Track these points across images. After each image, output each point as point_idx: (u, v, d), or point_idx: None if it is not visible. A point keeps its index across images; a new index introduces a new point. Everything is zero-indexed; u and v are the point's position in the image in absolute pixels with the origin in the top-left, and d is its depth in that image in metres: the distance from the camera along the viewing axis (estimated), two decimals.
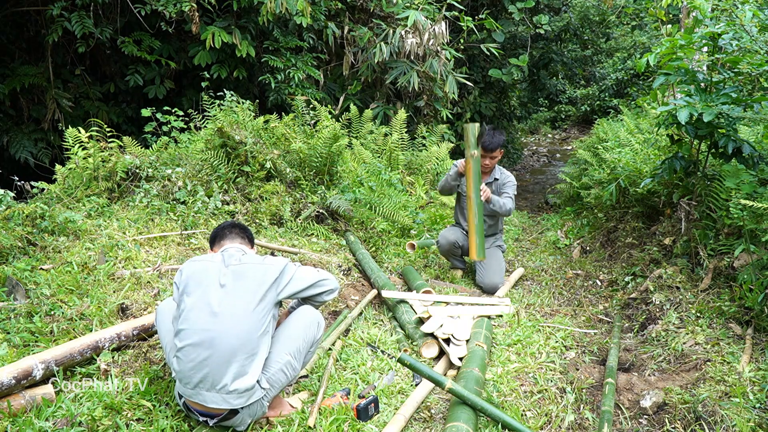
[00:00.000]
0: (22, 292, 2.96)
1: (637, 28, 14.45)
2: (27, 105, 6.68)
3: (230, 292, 2.19)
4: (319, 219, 4.89)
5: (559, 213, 7.11)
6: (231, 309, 2.16)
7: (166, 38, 6.73)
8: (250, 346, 2.15)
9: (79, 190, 4.20)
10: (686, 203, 3.85)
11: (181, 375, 2.15)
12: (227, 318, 2.14)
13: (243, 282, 2.22)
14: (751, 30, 3.36)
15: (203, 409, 2.17)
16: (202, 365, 2.11)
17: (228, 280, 2.22)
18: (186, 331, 2.16)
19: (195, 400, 2.15)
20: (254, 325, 2.17)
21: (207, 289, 2.20)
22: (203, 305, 2.17)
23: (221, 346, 2.11)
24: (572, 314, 3.79)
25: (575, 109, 18.09)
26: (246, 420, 2.24)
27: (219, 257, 2.33)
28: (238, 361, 2.12)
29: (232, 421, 2.21)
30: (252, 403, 2.19)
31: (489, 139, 4.12)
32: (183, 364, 2.14)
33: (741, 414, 2.28)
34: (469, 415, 2.29)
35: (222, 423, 2.21)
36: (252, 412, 2.23)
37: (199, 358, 2.11)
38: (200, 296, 2.20)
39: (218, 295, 2.18)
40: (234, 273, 2.25)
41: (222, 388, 2.11)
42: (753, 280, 2.97)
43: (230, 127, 4.79)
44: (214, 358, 2.11)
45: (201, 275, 2.25)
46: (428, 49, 7.48)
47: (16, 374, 2.21)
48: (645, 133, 6.24)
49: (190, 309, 2.18)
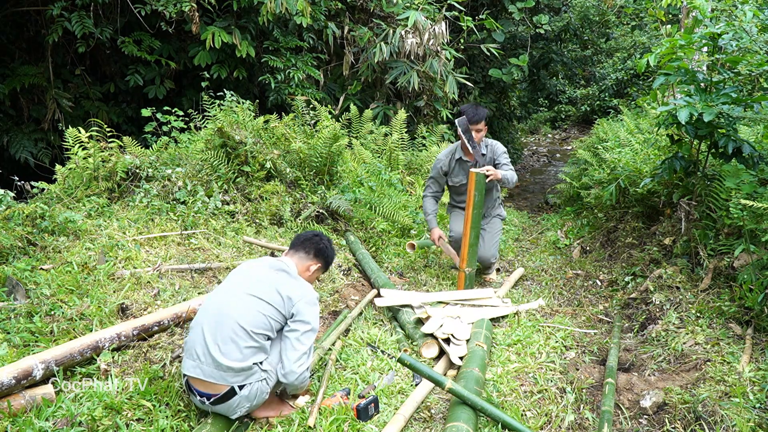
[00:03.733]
0: (22, 292, 2.96)
1: (637, 28, 14.44)
2: (27, 105, 6.68)
3: (252, 282, 2.35)
4: (319, 219, 4.89)
5: (559, 213, 7.11)
6: (246, 292, 2.30)
7: (166, 38, 6.73)
8: (253, 337, 2.23)
9: (79, 190, 4.20)
10: (686, 203, 3.85)
11: (188, 347, 2.26)
12: (240, 304, 2.27)
13: (267, 281, 2.36)
14: (750, 30, 3.36)
15: (202, 388, 2.21)
16: (206, 338, 2.21)
17: (257, 275, 2.39)
18: (202, 309, 2.34)
19: (194, 374, 2.20)
20: (260, 322, 2.26)
21: (239, 280, 2.39)
22: (226, 290, 2.36)
23: (227, 320, 2.22)
24: (572, 314, 3.79)
25: (575, 109, 18.09)
26: (243, 404, 2.23)
27: (269, 260, 2.50)
28: (239, 345, 2.19)
29: (229, 403, 2.21)
30: (250, 383, 2.21)
31: (472, 111, 4.03)
32: (192, 334, 2.26)
33: (741, 414, 2.28)
34: (469, 415, 2.29)
35: (219, 404, 2.21)
36: (251, 396, 2.23)
37: (205, 328, 2.23)
38: (228, 285, 2.39)
39: (244, 286, 2.34)
40: (266, 273, 2.41)
41: (219, 365, 2.17)
42: (753, 280, 2.97)
43: (230, 127, 4.79)
44: (219, 331, 2.21)
45: (243, 268, 2.46)
46: (428, 49, 7.48)
47: (16, 374, 2.21)
48: (645, 133, 6.24)
49: (215, 293, 2.38)
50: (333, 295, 3.76)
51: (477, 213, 3.81)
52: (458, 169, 4.23)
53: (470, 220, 3.80)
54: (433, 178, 4.34)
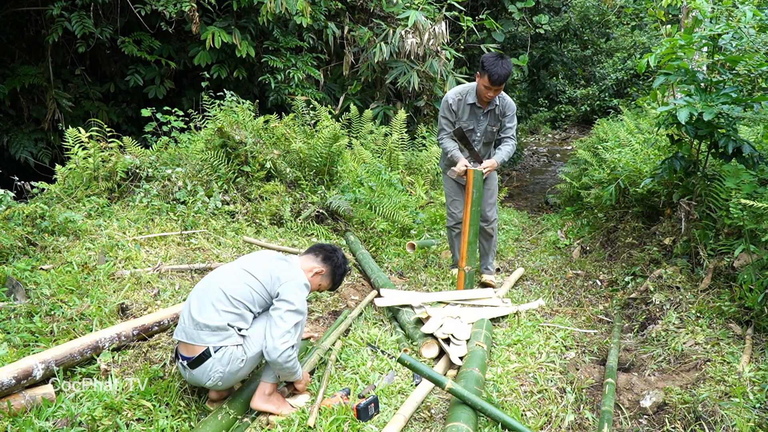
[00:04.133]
0: (22, 292, 2.96)
1: (637, 28, 14.44)
2: (27, 105, 6.68)
3: (250, 265, 2.43)
4: (319, 219, 4.90)
5: (559, 213, 7.11)
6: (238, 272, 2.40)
7: (166, 38, 6.74)
8: (232, 303, 2.32)
9: (79, 190, 4.20)
10: (686, 203, 3.85)
11: (181, 313, 2.38)
12: (229, 275, 2.38)
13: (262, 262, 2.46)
14: (750, 30, 3.36)
15: (184, 352, 2.31)
16: (192, 304, 2.33)
17: (260, 261, 2.47)
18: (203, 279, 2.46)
19: (178, 337, 2.33)
20: (245, 288, 2.35)
21: (243, 258, 2.52)
22: (230, 264, 2.49)
23: (213, 286, 2.35)
24: (572, 314, 3.79)
25: (575, 109, 18.08)
26: (216, 368, 2.26)
27: (278, 253, 2.59)
28: (217, 308, 2.29)
29: (203, 367, 2.25)
30: (225, 346, 2.26)
31: (497, 71, 3.61)
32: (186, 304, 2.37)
33: (741, 414, 2.28)
34: (469, 415, 2.29)
35: (195, 368, 2.26)
36: (223, 361, 2.26)
37: (194, 297, 2.35)
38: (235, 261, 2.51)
39: (240, 263, 2.45)
40: (265, 257, 2.50)
41: (197, 324, 2.26)
42: (753, 280, 2.97)
43: (230, 127, 4.79)
44: (204, 296, 2.33)
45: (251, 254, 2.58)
46: (428, 49, 7.48)
47: (16, 374, 2.21)
48: (645, 133, 6.24)
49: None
50: (333, 295, 3.76)
51: (475, 210, 3.80)
52: (468, 113, 3.94)
53: (469, 217, 3.79)
54: (445, 118, 3.99)
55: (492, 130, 4.00)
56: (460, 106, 3.93)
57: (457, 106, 3.93)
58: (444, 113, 3.99)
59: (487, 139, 4.04)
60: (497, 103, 3.91)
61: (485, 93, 3.76)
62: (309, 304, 3.58)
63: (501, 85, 3.69)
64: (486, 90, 3.74)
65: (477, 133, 3.99)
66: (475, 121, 3.95)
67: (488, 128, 3.97)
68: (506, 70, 3.63)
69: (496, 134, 4.05)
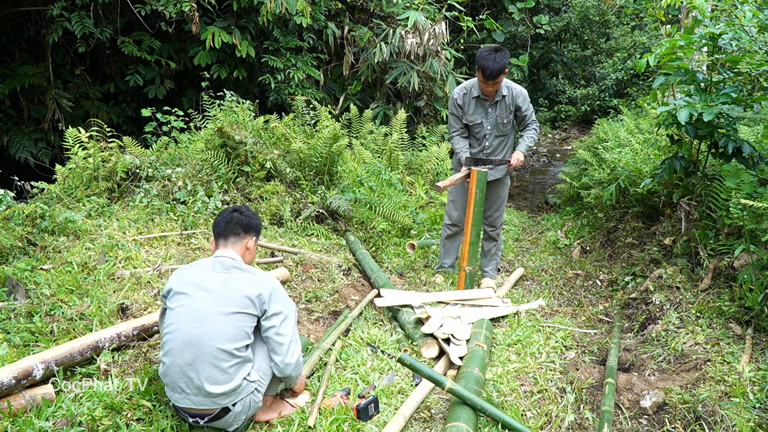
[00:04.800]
0: (22, 292, 2.96)
1: (637, 28, 14.43)
2: (27, 105, 6.68)
3: (216, 301, 2.17)
4: (319, 219, 4.90)
5: (559, 213, 7.11)
6: (216, 317, 2.14)
7: (166, 38, 6.74)
8: (234, 354, 2.14)
9: (79, 190, 4.20)
10: (686, 203, 3.85)
11: (168, 380, 2.16)
12: (211, 325, 2.13)
13: (229, 288, 2.20)
14: (750, 30, 3.36)
15: (193, 411, 2.18)
16: (186, 369, 2.11)
17: (215, 286, 2.21)
18: (171, 334, 2.15)
19: (183, 405, 2.16)
20: (238, 334, 2.16)
21: (194, 295, 2.19)
22: (188, 312, 2.16)
23: (204, 352, 2.10)
24: (572, 314, 3.79)
25: (575, 109, 18.07)
26: (240, 417, 2.23)
27: (209, 263, 2.31)
28: (223, 368, 2.11)
29: (224, 419, 2.20)
30: (241, 399, 2.19)
31: (489, 65, 3.53)
32: (167, 369, 2.14)
33: (741, 414, 2.28)
34: (469, 415, 2.29)
35: (214, 422, 2.20)
36: (244, 408, 2.21)
37: (183, 363, 2.11)
38: (186, 304, 2.18)
39: (205, 303, 2.17)
40: (222, 279, 2.23)
41: (208, 393, 2.11)
42: (753, 280, 2.97)
43: (230, 127, 4.79)
44: (197, 364, 2.10)
45: (189, 281, 2.24)
46: (428, 49, 7.48)
47: (16, 374, 2.21)
48: (645, 133, 6.23)
49: (177, 316, 2.17)
50: (333, 295, 3.76)
51: (478, 211, 3.78)
52: (474, 107, 3.88)
53: (471, 217, 3.78)
54: (453, 115, 3.95)
55: (503, 122, 3.90)
56: (465, 100, 3.89)
57: (462, 101, 3.89)
58: (451, 110, 3.96)
59: (499, 132, 3.93)
60: (505, 93, 3.83)
61: (484, 88, 3.74)
62: (309, 304, 3.59)
63: (495, 79, 3.63)
64: (484, 85, 3.71)
65: (486, 126, 3.90)
66: (483, 114, 3.89)
67: (499, 120, 3.88)
68: (499, 65, 3.56)
69: (510, 127, 3.96)
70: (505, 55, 3.62)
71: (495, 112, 3.88)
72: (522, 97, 3.87)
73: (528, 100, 3.92)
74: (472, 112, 3.90)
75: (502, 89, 3.82)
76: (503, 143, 4.01)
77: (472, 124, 3.93)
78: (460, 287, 3.89)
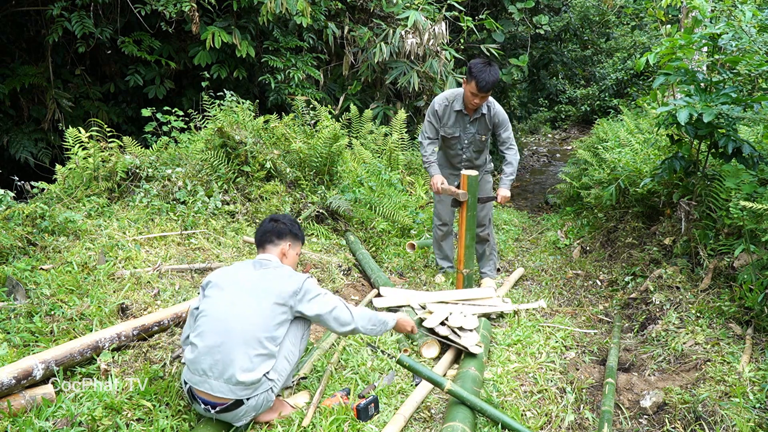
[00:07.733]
0: (22, 292, 2.96)
1: (637, 28, 14.42)
2: (27, 105, 6.67)
3: (252, 291, 2.30)
4: (319, 219, 4.90)
5: (559, 213, 7.11)
6: (250, 304, 2.26)
7: (166, 38, 6.73)
8: (263, 343, 2.21)
9: (79, 190, 4.20)
10: (686, 203, 3.85)
11: (192, 360, 2.22)
12: (245, 311, 2.24)
13: (265, 284, 2.33)
14: (750, 30, 3.36)
15: (207, 398, 2.20)
16: (213, 351, 2.18)
17: (252, 282, 2.34)
18: (204, 319, 2.27)
19: (201, 388, 2.19)
20: (269, 324, 2.25)
21: (231, 286, 2.33)
22: (225, 298, 2.30)
23: (235, 336, 2.19)
24: (572, 314, 3.79)
25: (575, 109, 18.07)
26: (250, 413, 2.25)
27: (250, 263, 2.46)
28: (249, 354, 2.18)
29: (235, 412, 2.22)
30: (257, 395, 2.21)
31: (485, 77, 3.55)
32: (196, 350, 2.21)
33: (741, 414, 2.28)
34: (466, 414, 2.30)
35: (224, 413, 2.21)
36: (257, 405, 2.24)
37: (212, 344, 2.19)
38: (223, 292, 2.32)
39: (241, 292, 2.30)
40: (260, 275, 2.37)
41: (229, 378, 2.15)
42: (753, 280, 2.97)
43: (230, 127, 4.79)
44: (227, 346, 2.18)
45: (228, 275, 2.39)
46: (428, 49, 7.48)
47: (16, 374, 2.21)
48: (645, 133, 6.24)
49: (212, 302, 2.30)
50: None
51: (471, 215, 3.75)
52: (453, 120, 3.85)
53: (465, 221, 3.78)
54: (429, 122, 3.91)
55: (481, 139, 3.91)
56: (446, 113, 3.86)
57: (443, 113, 3.86)
58: (429, 117, 3.92)
59: (476, 147, 3.95)
60: (485, 111, 3.83)
61: (471, 99, 3.70)
62: None
63: (488, 92, 3.64)
64: (472, 96, 3.68)
65: (464, 140, 3.91)
66: (461, 128, 3.88)
67: (476, 137, 3.89)
68: (494, 77, 3.59)
69: (487, 142, 3.98)
70: (497, 69, 3.67)
71: (473, 128, 3.88)
72: (501, 118, 3.87)
73: (507, 121, 3.91)
74: (451, 125, 3.88)
75: (482, 107, 3.81)
76: (480, 156, 4.04)
77: (450, 136, 3.90)
78: (459, 287, 3.90)
